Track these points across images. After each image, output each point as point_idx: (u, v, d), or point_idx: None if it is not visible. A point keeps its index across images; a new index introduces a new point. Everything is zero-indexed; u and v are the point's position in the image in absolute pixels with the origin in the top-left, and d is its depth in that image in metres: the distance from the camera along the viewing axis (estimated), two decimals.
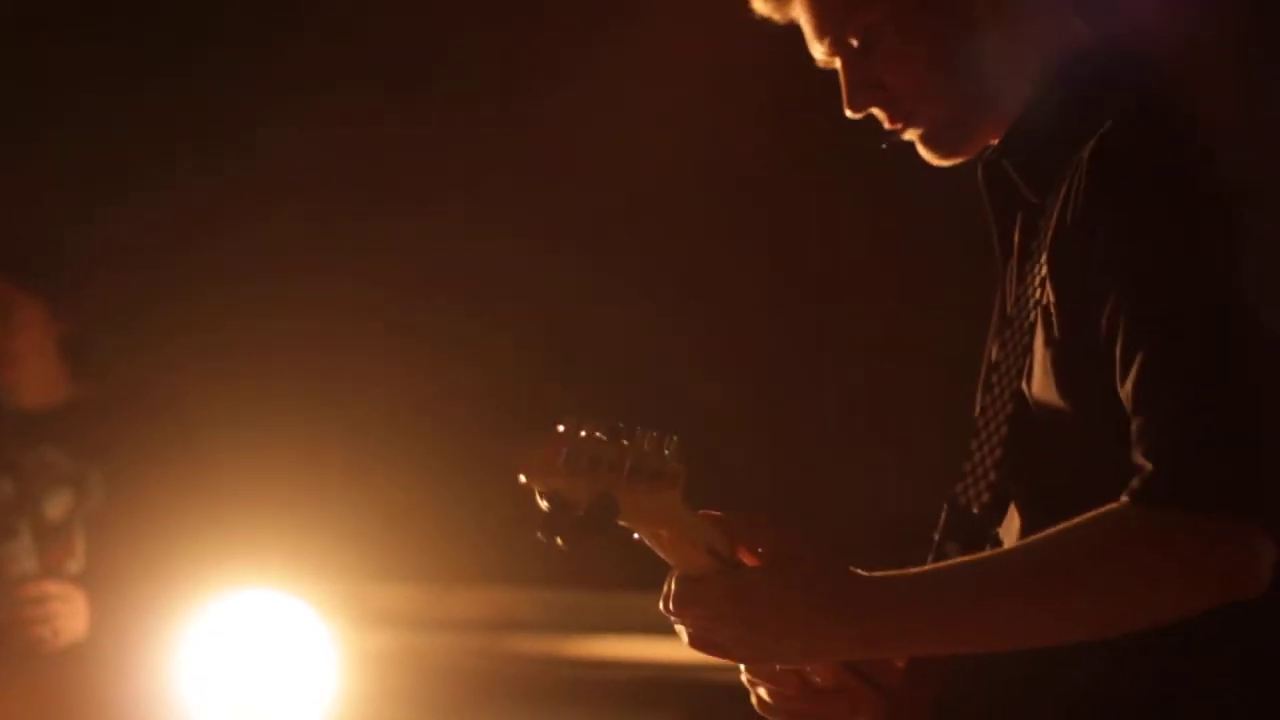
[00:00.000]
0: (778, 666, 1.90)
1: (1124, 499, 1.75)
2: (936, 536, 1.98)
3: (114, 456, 3.95)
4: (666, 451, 1.73)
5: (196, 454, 3.97)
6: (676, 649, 4.50)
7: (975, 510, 1.93)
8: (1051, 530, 1.78)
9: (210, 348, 4.54)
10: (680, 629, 1.83)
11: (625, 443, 1.72)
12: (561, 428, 1.73)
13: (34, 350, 3.98)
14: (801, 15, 2.00)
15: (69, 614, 3.87)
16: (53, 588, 3.87)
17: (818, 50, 2.01)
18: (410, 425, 4.56)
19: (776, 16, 2.02)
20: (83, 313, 4.02)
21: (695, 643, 1.80)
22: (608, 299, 4.61)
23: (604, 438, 1.72)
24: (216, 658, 4.03)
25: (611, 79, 4.41)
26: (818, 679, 1.92)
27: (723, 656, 1.81)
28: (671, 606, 1.79)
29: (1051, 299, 1.85)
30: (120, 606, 3.88)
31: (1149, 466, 1.75)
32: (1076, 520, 1.76)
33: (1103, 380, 1.81)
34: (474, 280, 4.61)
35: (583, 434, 1.72)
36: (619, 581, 3.95)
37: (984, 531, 1.93)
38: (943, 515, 1.98)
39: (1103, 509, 1.76)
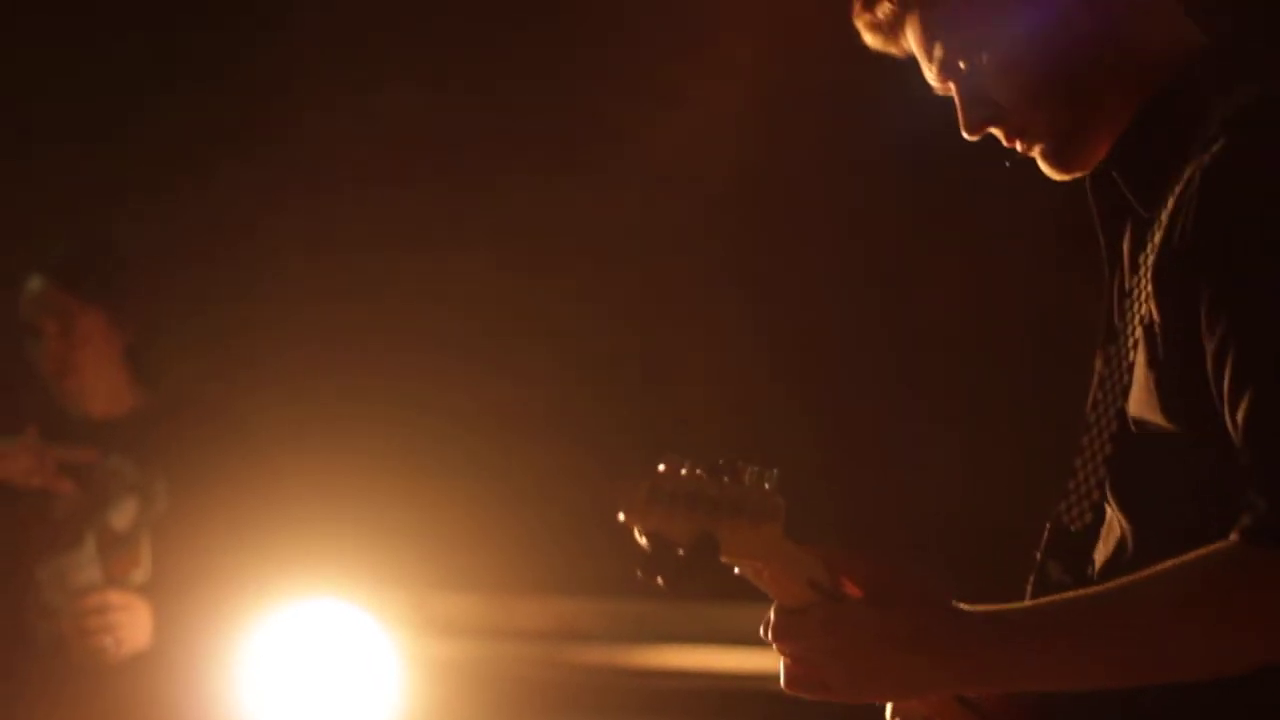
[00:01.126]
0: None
1: (1234, 537, 1.73)
2: (1038, 555, 1.96)
3: (177, 464, 3.95)
4: (767, 485, 1.72)
5: (258, 461, 3.98)
6: (741, 658, 4.49)
7: (1076, 529, 1.92)
8: (1160, 567, 1.75)
9: (272, 354, 4.55)
10: (780, 668, 1.80)
11: (726, 479, 1.72)
12: (662, 466, 1.72)
13: (97, 361, 3.99)
14: (911, 43, 2.01)
15: (132, 624, 3.87)
16: (116, 597, 3.88)
17: (931, 76, 2.01)
18: (477, 434, 4.55)
19: (893, 50, 2.03)
20: (143, 321, 4.03)
21: (791, 682, 1.79)
22: (667, 307, 4.59)
23: (704, 475, 1.72)
24: (280, 668, 4.03)
25: (644, 90, 4.40)
26: (923, 709, 1.90)
27: (820, 694, 1.79)
28: (773, 638, 1.78)
29: (1156, 319, 1.83)
30: (185, 616, 3.88)
31: (1262, 504, 1.72)
32: (1187, 558, 1.74)
33: (1207, 405, 1.78)
34: (525, 303, 4.60)
35: (683, 472, 1.72)
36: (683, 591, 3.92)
37: (1085, 551, 1.91)
38: (1045, 533, 1.96)
39: (1214, 546, 1.73)
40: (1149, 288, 1.84)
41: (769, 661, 1.83)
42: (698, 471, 1.72)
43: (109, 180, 4.71)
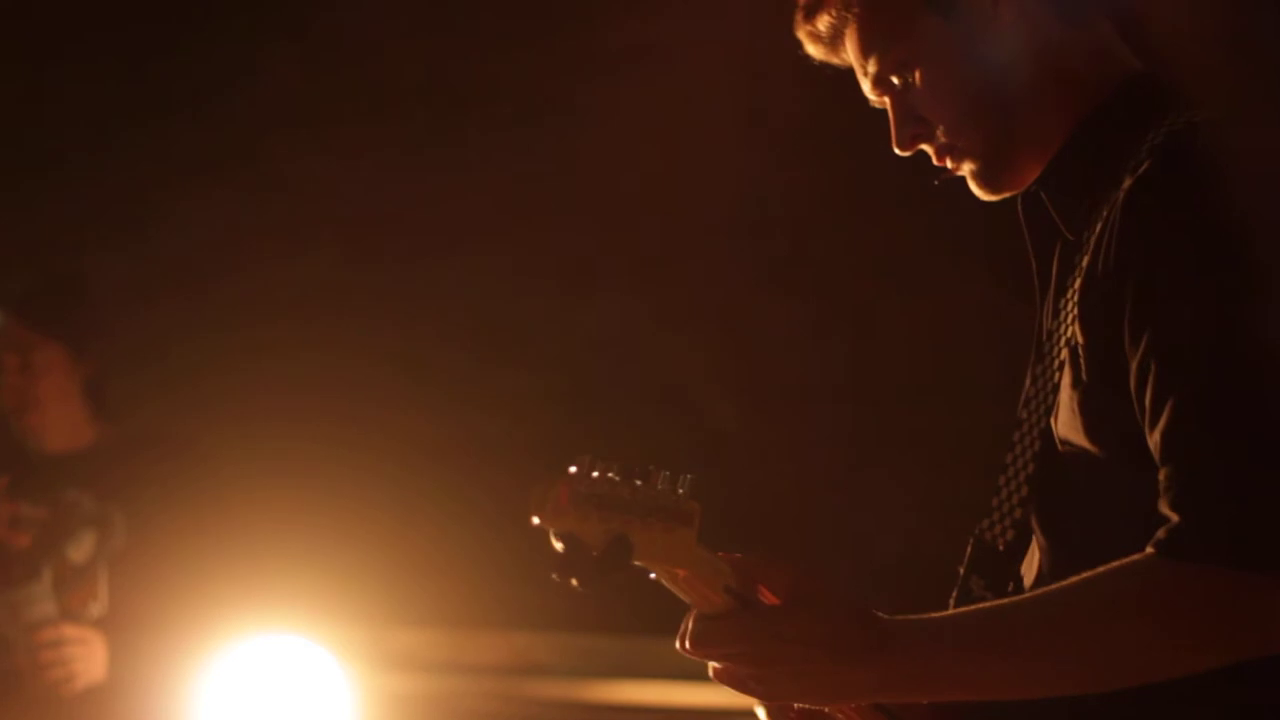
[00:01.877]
0: (796, 705, 1.89)
1: (1150, 550, 1.75)
2: (961, 571, 1.98)
3: (135, 498, 3.95)
4: (681, 490, 1.71)
5: (217, 497, 3.98)
6: (694, 693, 4.49)
7: (1000, 547, 1.94)
8: (1077, 579, 1.77)
9: (230, 390, 4.55)
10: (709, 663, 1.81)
11: (639, 482, 1.71)
12: (574, 469, 1.71)
13: (56, 395, 3.99)
14: (850, 56, 2.05)
15: (86, 657, 3.87)
16: (71, 631, 3.87)
17: (867, 89, 2.05)
18: (430, 471, 4.56)
19: (833, 60, 2.07)
20: (104, 356, 4.03)
21: (716, 676, 1.79)
22: (629, 340, 4.60)
23: (617, 478, 1.71)
24: (236, 702, 4.02)
25: (629, 121, 4.41)
26: (840, 717, 1.91)
27: (742, 693, 1.80)
28: (689, 645, 1.78)
29: (1080, 340, 1.85)
30: (141, 650, 3.87)
31: (1176, 518, 1.75)
32: (1102, 570, 1.76)
33: (1128, 427, 1.80)
34: (494, 325, 4.62)
35: (595, 474, 1.71)
36: (637, 627, 3.94)
37: (1008, 568, 1.93)
38: (968, 550, 1.98)
39: (1128, 560, 1.76)
40: (1074, 310, 1.87)
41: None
42: (610, 474, 1.71)
43: (74, 215, 4.71)
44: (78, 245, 4.56)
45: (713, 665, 1.79)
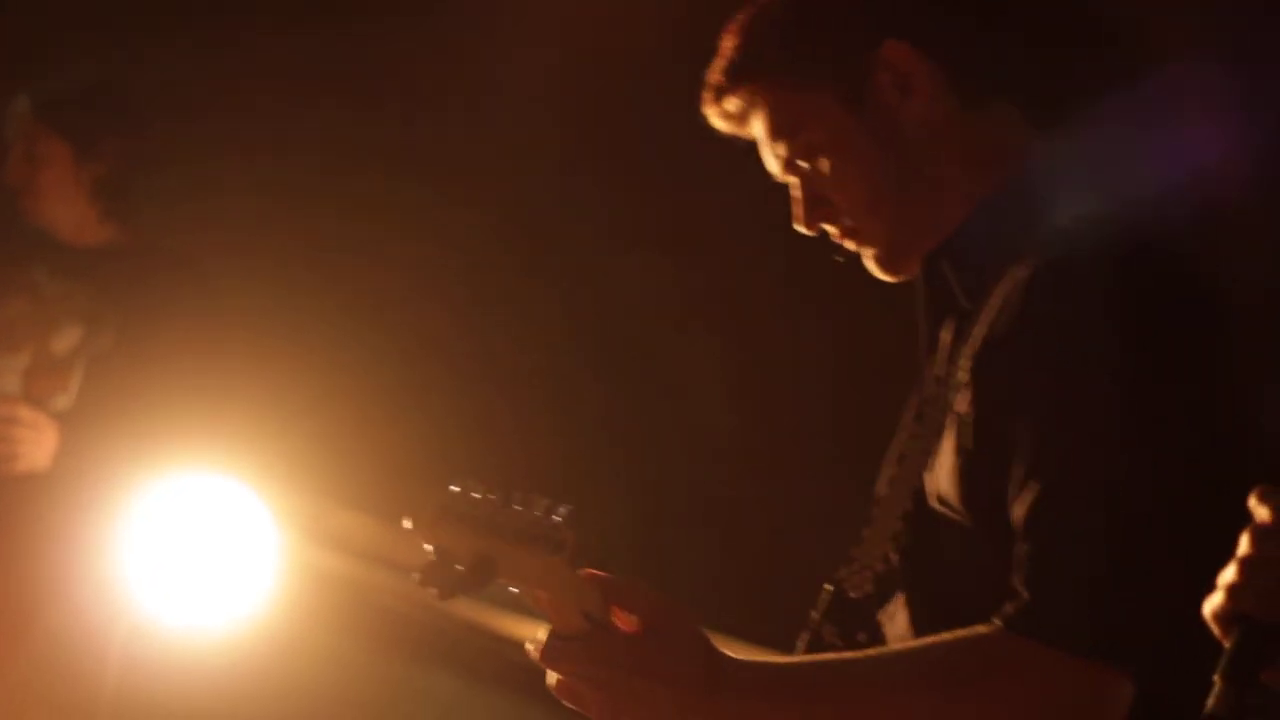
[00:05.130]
0: None
1: (995, 621, 1.80)
2: (815, 615, 2.03)
3: (132, 305, 3.97)
4: (556, 518, 1.76)
5: (212, 321, 3.99)
6: None
7: (856, 596, 1.99)
8: (920, 641, 1.83)
9: (250, 217, 4.51)
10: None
11: (516, 508, 1.77)
12: (455, 488, 1.78)
13: (56, 188, 4.03)
14: (757, 135, 2.10)
15: (34, 442, 3.88)
16: (26, 414, 3.88)
17: (774, 167, 2.11)
18: (430, 368, 4.52)
19: (741, 133, 2.12)
20: (118, 158, 4.04)
21: (556, 691, 1.84)
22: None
23: (494, 501, 1.77)
24: (160, 532, 4.01)
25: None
26: None
27: (580, 709, 1.85)
28: (538, 657, 1.83)
29: (969, 411, 1.88)
30: (91, 453, 3.88)
31: (1024, 594, 1.79)
32: (947, 635, 1.80)
33: (1003, 498, 1.85)
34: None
35: (475, 495, 1.78)
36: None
37: (862, 618, 1.98)
38: (824, 597, 2.02)
39: (974, 629, 1.80)
40: (965, 379, 1.91)
41: None
42: (490, 497, 1.77)
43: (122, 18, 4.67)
44: (110, 47, 4.51)
45: (556, 679, 1.83)
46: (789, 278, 4.30)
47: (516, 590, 1.79)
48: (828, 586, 2.02)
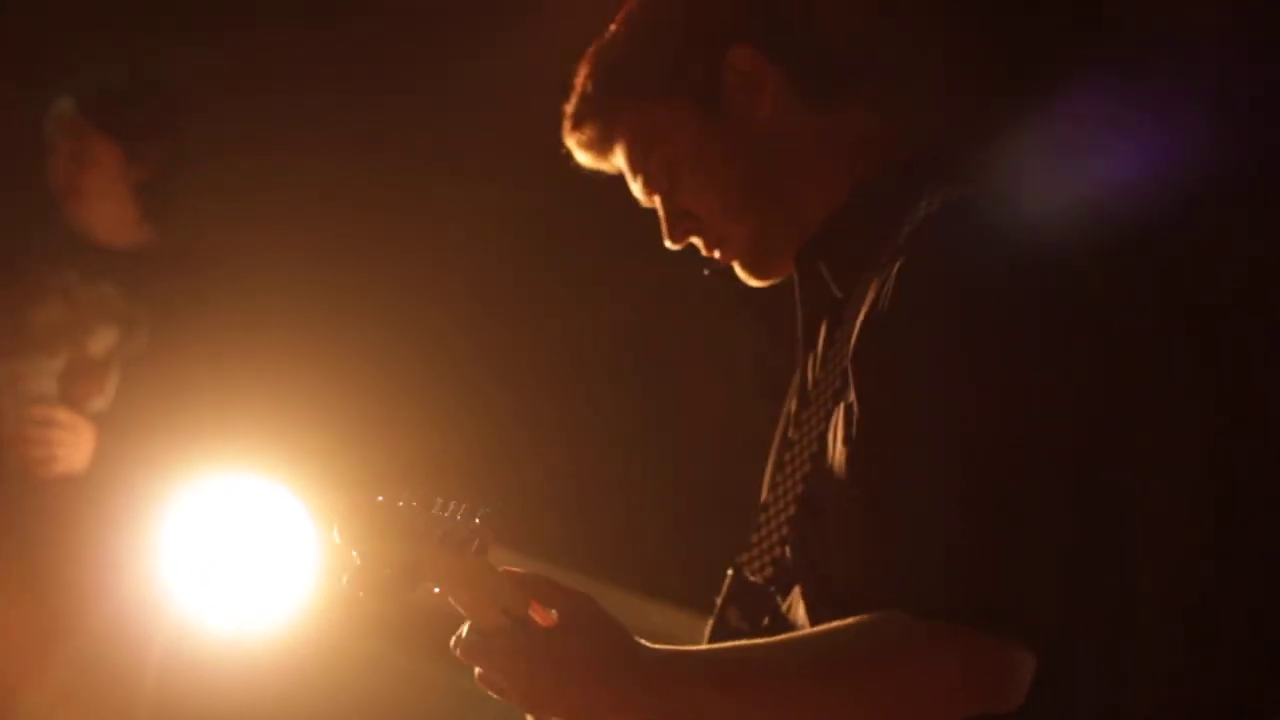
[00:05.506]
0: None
1: (892, 605, 1.81)
2: (718, 600, 2.06)
3: (166, 307, 3.97)
4: (477, 520, 1.82)
5: (247, 324, 4.00)
6: None
7: (756, 580, 2.02)
8: (826, 627, 1.85)
9: (287, 218, 4.51)
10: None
11: (439, 513, 1.83)
12: (380, 498, 1.83)
13: (101, 189, 4.03)
14: (620, 161, 2.16)
15: (72, 444, 3.89)
16: (64, 416, 3.89)
17: (637, 191, 2.16)
18: (465, 371, 4.52)
19: (605, 167, 2.18)
20: (162, 159, 4.04)
21: (481, 683, 1.88)
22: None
23: (417, 507, 1.83)
24: (199, 533, 4.02)
25: None
26: None
27: (506, 701, 1.88)
28: (459, 653, 1.87)
29: (853, 397, 1.91)
30: (129, 455, 3.89)
31: (918, 576, 1.81)
32: (852, 620, 1.82)
33: (875, 479, 1.87)
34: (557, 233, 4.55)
35: (400, 503, 1.83)
36: (609, 574, 3.92)
37: (764, 601, 2.01)
38: (726, 581, 2.06)
39: (875, 614, 1.81)
40: (846, 366, 1.93)
41: None
42: (414, 504, 1.83)
43: (166, 16, 4.68)
44: (164, 48, 4.51)
45: (479, 672, 1.88)
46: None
47: (438, 591, 1.84)
48: (729, 571, 2.05)
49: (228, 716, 4.23)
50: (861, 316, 1.93)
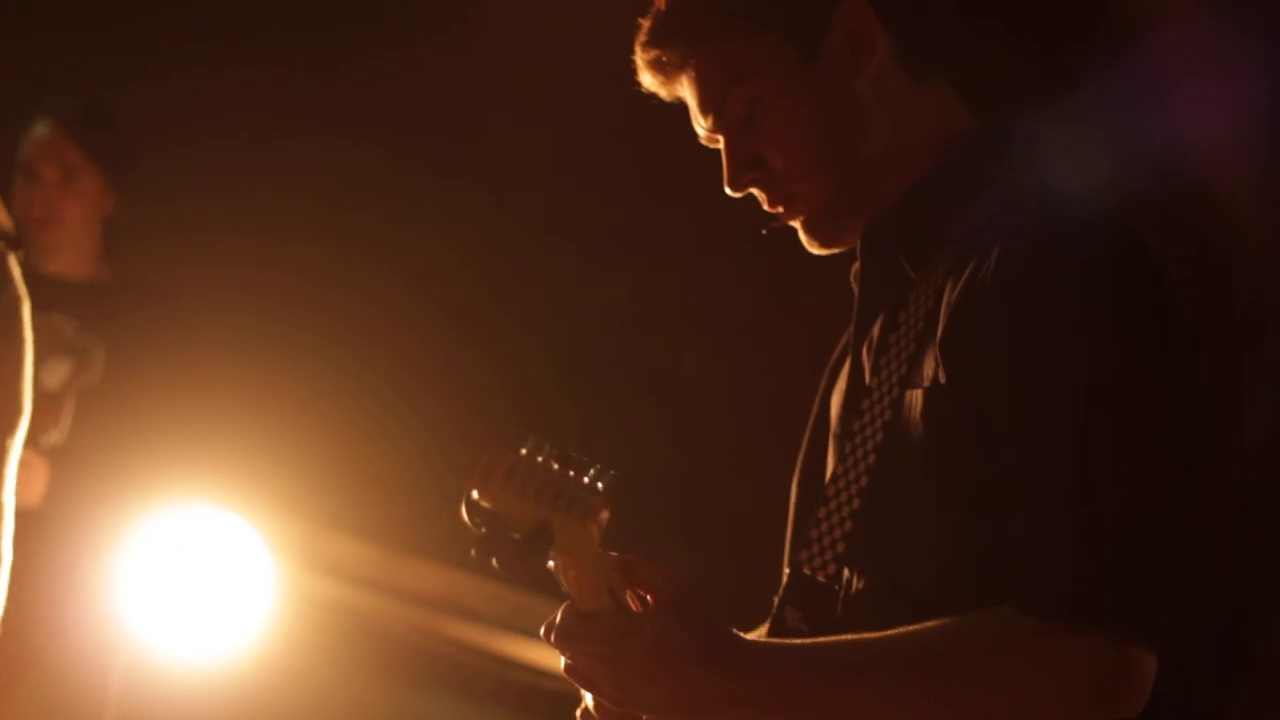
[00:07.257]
0: (644, 718, 1.86)
1: (1006, 604, 1.74)
2: (776, 600, 1.97)
3: (119, 339, 3.94)
4: (600, 486, 1.72)
5: (198, 357, 3.97)
6: None
7: (820, 579, 1.92)
8: (935, 623, 1.76)
9: (235, 252, 4.50)
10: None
11: (573, 473, 1.72)
12: (524, 450, 1.71)
13: (80, 221, 3.98)
14: (688, 89, 2.01)
15: (25, 481, 3.85)
16: None
17: (701, 125, 2.02)
18: (415, 395, 4.52)
19: (663, 93, 2.03)
20: (129, 195, 4.02)
21: (569, 673, 1.79)
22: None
23: (557, 465, 1.72)
24: (156, 566, 4.01)
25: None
26: None
27: (592, 692, 1.80)
28: (554, 638, 1.76)
29: (931, 383, 1.84)
30: (83, 488, 3.86)
31: (1034, 576, 1.74)
32: (963, 618, 1.75)
33: (974, 470, 1.80)
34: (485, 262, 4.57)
35: (539, 459, 1.71)
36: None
37: (826, 601, 1.92)
38: (785, 579, 1.97)
39: (988, 611, 1.75)
40: (912, 348, 1.87)
41: None
42: (553, 462, 1.71)
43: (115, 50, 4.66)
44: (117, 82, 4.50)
45: (568, 661, 1.77)
46: (770, 290, 4.32)
47: (552, 564, 1.73)
48: (786, 570, 1.97)
49: None
50: (950, 301, 1.85)
